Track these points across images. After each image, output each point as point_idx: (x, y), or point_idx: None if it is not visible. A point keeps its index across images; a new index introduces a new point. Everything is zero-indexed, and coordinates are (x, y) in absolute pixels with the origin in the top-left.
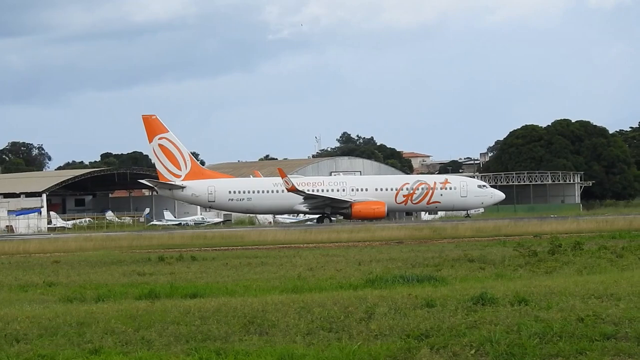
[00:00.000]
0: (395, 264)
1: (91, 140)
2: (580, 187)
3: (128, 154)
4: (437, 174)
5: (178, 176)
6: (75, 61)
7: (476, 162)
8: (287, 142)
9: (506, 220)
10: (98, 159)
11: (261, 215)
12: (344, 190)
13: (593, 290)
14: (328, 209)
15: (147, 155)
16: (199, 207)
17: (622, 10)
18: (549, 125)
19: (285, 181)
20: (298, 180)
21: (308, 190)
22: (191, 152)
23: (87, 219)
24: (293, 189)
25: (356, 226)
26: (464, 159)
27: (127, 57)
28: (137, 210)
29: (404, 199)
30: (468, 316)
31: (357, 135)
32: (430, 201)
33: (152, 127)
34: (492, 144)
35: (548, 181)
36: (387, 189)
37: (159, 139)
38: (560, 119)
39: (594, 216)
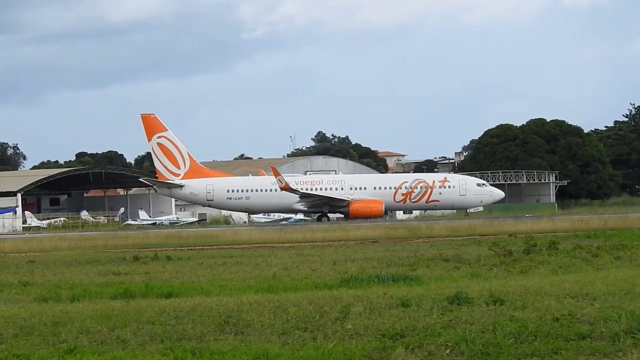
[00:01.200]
0: (370, 264)
1: (66, 140)
2: (555, 186)
3: (103, 153)
4: (412, 173)
5: (177, 175)
6: (51, 61)
7: (451, 161)
8: (262, 142)
9: (481, 220)
10: (73, 158)
11: (236, 215)
12: (342, 188)
13: (568, 289)
14: (326, 207)
15: (122, 155)
16: (173, 206)
17: (598, 10)
18: (524, 124)
19: (279, 180)
20: (297, 179)
21: (305, 189)
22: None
23: (62, 219)
24: (287, 188)
25: (331, 226)
26: (439, 158)
27: (103, 56)
28: (112, 209)
29: (403, 197)
30: (443, 316)
31: (332, 135)
32: (429, 200)
33: (151, 126)
34: (467, 143)
35: (523, 180)
36: (385, 188)
37: (158, 137)
38: (535, 118)
39: (569, 215)
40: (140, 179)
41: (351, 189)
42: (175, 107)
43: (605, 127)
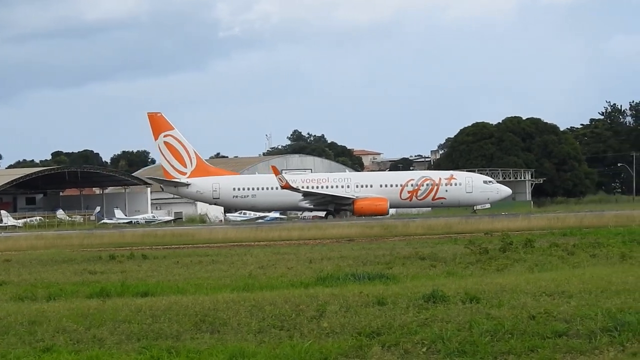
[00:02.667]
0: (346, 262)
1: (42, 139)
2: (531, 184)
3: (79, 152)
4: (388, 171)
5: (183, 173)
6: (27, 60)
7: (427, 159)
8: (237, 140)
9: (457, 218)
10: (49, 157)
11: (212, 213)
12: (348, 186)
13: (544, 287)
14: (331, 205)
15: (97, 154)
16: (149, 205)
17: (575, 8)
18: (499, 122)
19: (279, 178)
20: (303, 177)
21: (310, 187)
22: (141, 151)
23: (38, 218)
24: (287, 186)
25: (307, 224)
26: (415, 156)
27: (79, 55)
28: (88, 208)
29: (409, 195)
30: (419, 314)
31: (308, 133)
32: (436, 197)
33: (158, 124)
34: (442, 141)
35: (499, 178)
36: (391, 185)
37: (165, 136)
38: (511, 117)
39: (545, 213)
40: (145, 177)
41: (357, 186)
42: (152, 107)
43: (581, 125)
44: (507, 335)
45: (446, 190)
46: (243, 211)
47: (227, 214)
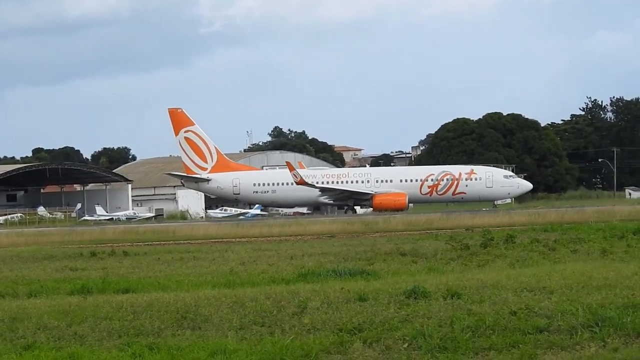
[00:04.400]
0: (327, 258)
1: (22, 136)
2: None
3: (60, 149)
4: (370, 167)
5: (204, 169)
6: (8, 56)
7: (408, 155)
8: (218, 137)
9: (438, 214)
10: (29, 154)
11: (193, 210)
12: (368, 181)
13: (525, 283)
14: (351, 200)
15: (78, 151)
16: (130, 202)
17: (556, 4)
18: (480, 118)
19: (294, 174)
20: (323, 172)
21: (329, 183)
22: (122, 147)
23: (19, 215)
24: (302, 182)
25: (288, 220)
26: (396, 152)
27: (60, 52)
28: (69, 205)
29: (429, 190)
30: (401, 310)
31: (289, 130)
32: (456, 192)
33: (178, 120)
34: (423, 137)
35: None
36: (411, 180)
37: (185, 132)
38: (492, 112)
39: (526, 209)
40: (168, 174)
41: (377, 181)
42: (134, 103)
43: (562, 120)
44: (489, 331)
45: (466, 185)
46: (224, 207)
47: (208, 211)
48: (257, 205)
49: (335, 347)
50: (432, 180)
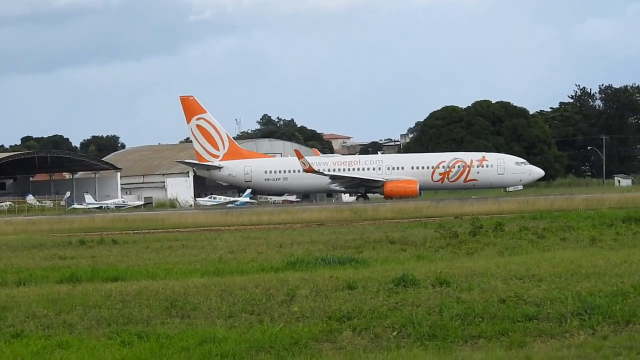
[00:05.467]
0: (316, 246)
1: (11, 124)
2: None
3: (49, 137)
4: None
5: (216, 156)
6: None
7: (397, 143)
8: None
9: (427, 202)
10: (18, 142)
11: (182, 198)
12: (379, 168)
13: (514, 271)
14: (362, 188)
15: (67, 139)
16: (119, 190)
17: None
18: (469, 106)
19: (302, 162)
20: (334, 159)
21: (340, 170)
22: (111, 136)
23: (8, 203)
24: (310, 170)
25: (277, 208)
26: (385, 140)
27: (50, 40)
28: (58, 193)
29: (441, 177)
30: (390, 298)
31: (278, 118)
32: (467, 179)
33: (190, 107)
34: (412, 125)
35: None
36: (423, 167)
37: (197, 119)
38: (481, 100)
39: (515, 197)
40: (179, 161)
41: (389, 168)
42: (124, 91)
43: (551, 108)
44: (478, 319)
45: (478, 172)
46: (213, 195)
47: (197, 199)
48: (246, 193)
49: (325, 335)
50: (443, 167)
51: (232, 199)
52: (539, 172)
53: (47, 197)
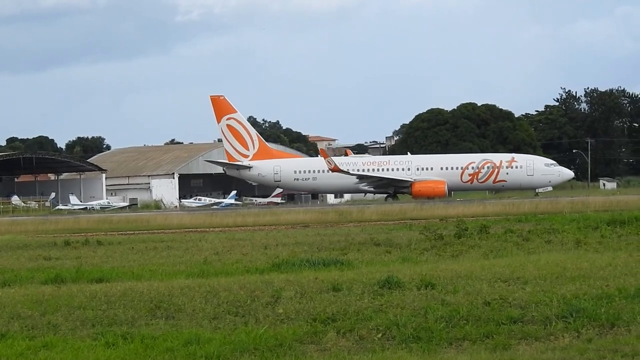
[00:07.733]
0: (301, 248)
1: None
2: None
3: (34, 138)
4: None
5: (246, 156)
6: None
7: (382, 145)
8: (192, 126)
9: (412, 204)
10: (3, 143)
11: (167, 199)
12: (409, 169)
13: (499, 273)
14: (391, 188)
15: (52, 140)
16: (104, 191)
17: None
18: (454, 108)
19: (328, 161)
20: (364, 160)
21: (370, 170)
22: (96, 137)
23: None
24: (336, 169)
25: (262, 210)
26: (370, 142)
27: (37, 40)
28: (43, 194)
29: (470, 178)
30: (374, 300)
31: (263, 120)
32: (496, 180)
33: (221, 107)
34: (397, 127)
35: None
36: (452, 168)
37: (227, 119)
38: (466, 103)
39: (500, 199)
40: (209, 161)
41: (418, 169)
42: (113, 91)
43: (536, 111)
44: (462, 321)
45: (507, 173)
46: (198, 197)
47: (182, 200)
48: (231, 195)
49: (309, 336)
50: (472, 168)
51: (217, 200)
52: (568, 173)
53: (32, 198)
